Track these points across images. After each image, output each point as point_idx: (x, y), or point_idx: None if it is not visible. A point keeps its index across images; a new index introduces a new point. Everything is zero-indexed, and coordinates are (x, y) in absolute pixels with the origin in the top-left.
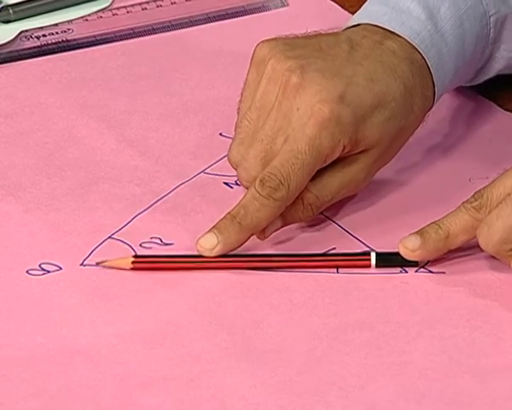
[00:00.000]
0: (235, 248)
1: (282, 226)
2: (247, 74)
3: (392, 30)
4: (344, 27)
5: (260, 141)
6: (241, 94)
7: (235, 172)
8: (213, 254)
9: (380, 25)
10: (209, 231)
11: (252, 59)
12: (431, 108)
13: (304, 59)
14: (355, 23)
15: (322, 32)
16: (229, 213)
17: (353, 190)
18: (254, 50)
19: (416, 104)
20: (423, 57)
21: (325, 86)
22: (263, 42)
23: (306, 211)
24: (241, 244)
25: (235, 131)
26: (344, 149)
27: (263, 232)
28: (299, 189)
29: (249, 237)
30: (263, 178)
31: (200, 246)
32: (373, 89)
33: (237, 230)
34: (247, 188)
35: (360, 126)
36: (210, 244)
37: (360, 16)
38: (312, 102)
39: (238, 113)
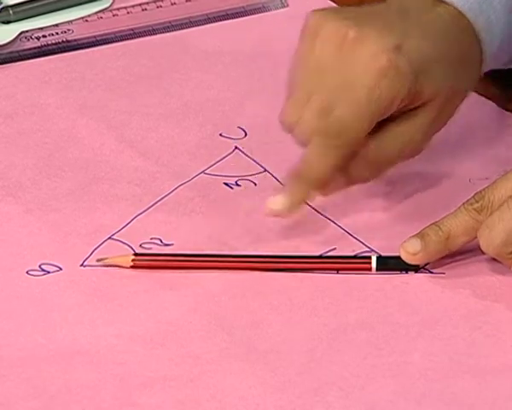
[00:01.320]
0: (300, 206)
1: (346, 186)
2: (300, 44)
3: None
4: None
5: (318, 97)
6: (295, 63)
7: (235, 173)
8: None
9: None
10: (280, 192)
11: (304, 29)
12: (479, 77)
13: (359, 19)
14: None
15: None
16: (293, 170)
17: (411, 152)
18: (306, 20)
19: (466, 71)
20: (472, 24)
21: (382, 39)
22: (314, 11)
23: (369, 169)
24: (306, 201)
25: (289, 95)
26: (402, 101)
27: (325, 188)
28: (359, 140)
29: (312, 195)
30: (322, 129)
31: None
32: (428, 45)
33: (301, 185)
34: (306, 146)
35: (417, 77)
36: (278, 204)
37: None
38: (370, 53)
39: (291, 81)
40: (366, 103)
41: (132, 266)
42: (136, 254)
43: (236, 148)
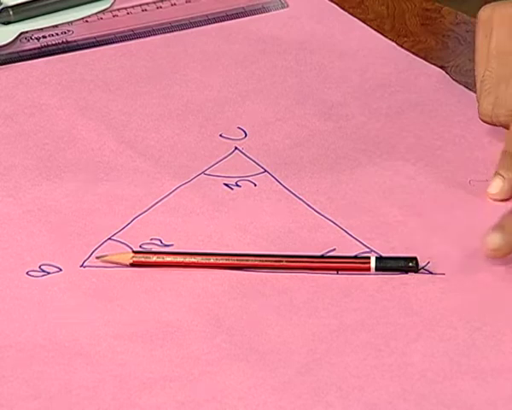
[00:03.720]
0: None
1: None
2: (475, 41)
3: None
4: None
5: (509, 80)
6: (474, 61)
7: (235, 173)
8: None
9: None
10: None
11: (477, 24)
12: None
13: None
14: None
15: None
16: None
17: None
18: (479, 15)
19: None
20: None
21: None
22: (483, 7)
23: None
24: None
25: (478, 92)
26: None
27: None
28: None
29: None
30: None
31: None
32: None
33: None
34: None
35: None
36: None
37: None
38: None
39: (476, 79)
40: None
41: (132, 264)
42: (135, 252)
43: (236, 148)
